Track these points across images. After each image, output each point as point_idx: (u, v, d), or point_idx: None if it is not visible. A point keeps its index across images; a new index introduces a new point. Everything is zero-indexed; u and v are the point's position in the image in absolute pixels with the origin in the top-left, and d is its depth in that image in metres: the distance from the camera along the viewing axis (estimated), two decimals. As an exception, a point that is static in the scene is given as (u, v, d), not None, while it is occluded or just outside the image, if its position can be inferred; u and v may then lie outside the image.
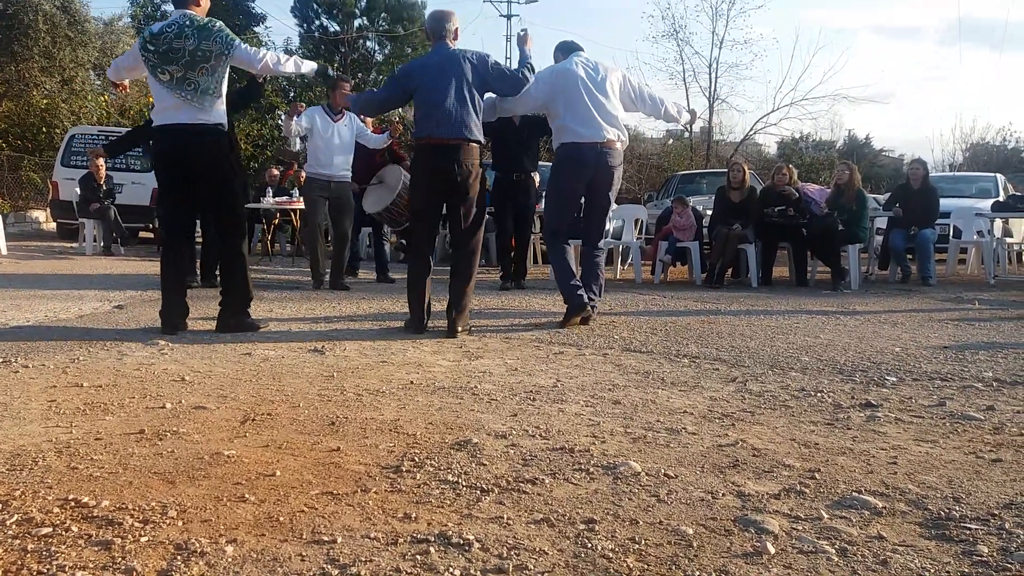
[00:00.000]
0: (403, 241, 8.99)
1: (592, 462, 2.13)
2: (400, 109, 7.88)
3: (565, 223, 4.93)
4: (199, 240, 6.69)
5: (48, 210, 14.79)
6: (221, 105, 4.24)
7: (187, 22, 4.13)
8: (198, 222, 4.83)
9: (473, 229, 4.44)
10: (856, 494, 1.91)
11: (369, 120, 6.91)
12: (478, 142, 4.36)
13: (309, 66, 4.61)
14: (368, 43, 30.49)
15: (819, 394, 2.99)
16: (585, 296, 4.68)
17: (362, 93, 5.82)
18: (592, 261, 4.92)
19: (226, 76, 4.24)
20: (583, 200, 4.92)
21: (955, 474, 2.08)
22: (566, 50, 4.91)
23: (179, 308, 4.29)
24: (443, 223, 5.21)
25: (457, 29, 4.42)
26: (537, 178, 9.90)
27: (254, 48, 4.36)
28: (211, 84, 4.14)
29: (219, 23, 4.23)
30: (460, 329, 4.28)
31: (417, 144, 4.49)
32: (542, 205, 8.66)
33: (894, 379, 3.27)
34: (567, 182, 4.79)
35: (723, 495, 1.90)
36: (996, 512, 1.81)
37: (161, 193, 4.57)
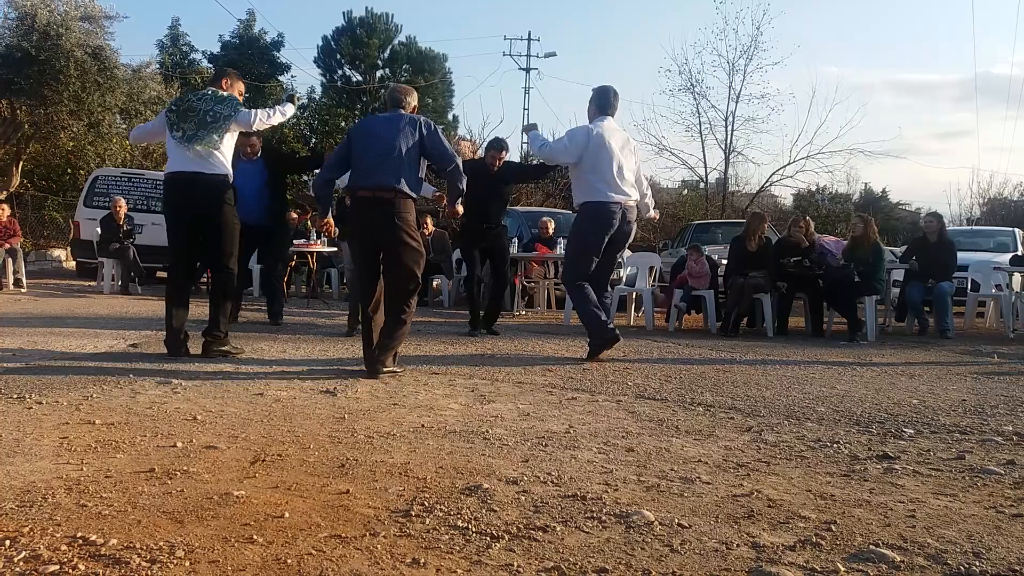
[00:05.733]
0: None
1: (604, 510, 2.10)
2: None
3: (584, 274, 5.32)
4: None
5: (68, 249, 14.99)
6: (224, 159, 4.81)
7: (209, 93, 4.92)
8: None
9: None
10: (873, 547, 1.87)
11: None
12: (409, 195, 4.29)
13: (290, 108, 5.34)
14: (389, 92, 31.02)
15: (835, 445, 2.95)
16: (615, 329, 5.22)
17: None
18: (601, 301, 5.36)
19: (231, 136, 4.86)
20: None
21: (975, 528, 2.04)
22: (601, 105, 5.35)
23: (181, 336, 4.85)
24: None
25: (416, 108, 4.57)
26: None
27: (250, 111, 4.97)
28: (216, 140, 4.76)
29: (234, 96, 4.95)
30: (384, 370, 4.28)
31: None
32: (560, 249, 8.74)
33: (912, 431, 3.23)
34: (593, 236, 5.26)
35: (738, 546, 1.87)
36: (1017, 568, 1.77)
37: (169, 236, 4.98)
